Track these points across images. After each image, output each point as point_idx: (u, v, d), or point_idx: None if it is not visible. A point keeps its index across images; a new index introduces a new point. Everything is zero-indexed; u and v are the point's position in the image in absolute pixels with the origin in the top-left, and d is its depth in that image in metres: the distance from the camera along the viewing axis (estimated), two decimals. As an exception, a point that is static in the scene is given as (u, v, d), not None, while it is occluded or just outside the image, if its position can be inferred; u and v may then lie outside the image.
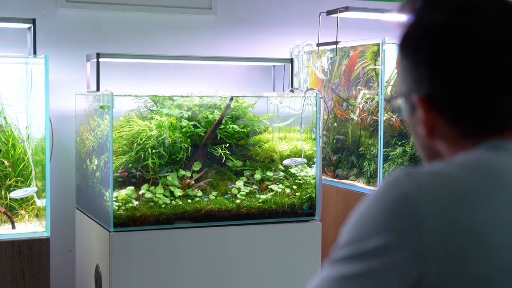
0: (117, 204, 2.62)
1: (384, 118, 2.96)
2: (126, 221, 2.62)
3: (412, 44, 0.94)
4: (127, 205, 2.64)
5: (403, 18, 0.97)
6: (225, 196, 2.76)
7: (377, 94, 3.00)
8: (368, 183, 3.06)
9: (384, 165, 2.97)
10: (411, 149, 2.97)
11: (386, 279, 0.81)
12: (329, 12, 3.23)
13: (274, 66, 3.38)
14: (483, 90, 0.89)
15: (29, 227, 2.72)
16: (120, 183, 2.66)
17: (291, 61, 3.25)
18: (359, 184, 3.10)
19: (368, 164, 3.07)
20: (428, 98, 0.92)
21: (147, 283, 2.62)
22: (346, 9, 3.15)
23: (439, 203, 0.82)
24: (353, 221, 0.87)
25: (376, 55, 3.02)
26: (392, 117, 3.02)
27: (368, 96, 3.07)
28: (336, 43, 3.17)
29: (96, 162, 2.77)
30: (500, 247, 0.80)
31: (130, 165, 2.69)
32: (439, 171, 0.86)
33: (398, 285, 0.80)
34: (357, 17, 3.30)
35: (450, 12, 0.91)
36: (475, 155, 0.89)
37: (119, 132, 2.69)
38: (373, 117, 3.03)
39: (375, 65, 3.03)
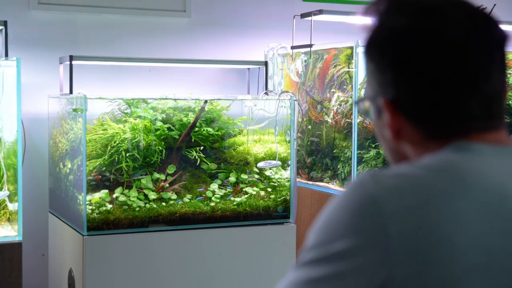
0: (90, 207, 2.60)
1: (358, 120, 2.98)
2: (100, 225, 2.61)
3: (376, 48, 0.94)
4: (100, 209, 2.62)
5: (369, 21, 0.98)
6: (197, 199, 2.76)
7: (351, 97, 3.02)
8: (342, 185, 3.08)
9: (358, 167, 2.99)
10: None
11: (352, 281, 0.81)
12: (303, 15, 3.25)
13: (248, 69, 3.39)
14: (447, 93, 0.90)
15: (1, 231, 2.69)
16: (93, 187, 2.65)
17: (266, 64, 3.26)
18: (334, 186, 3.12)
19: (342, 167, 3.09)
20: (394, 101, 0.93)
21: (120, 287, 2.61)
22: (320, 12, 3.16)
23: (404, 205, 0.82)
24: (319, 224, 0.88)
25: (349, 58, 3.04)
26: (366, 120, 3.04)
27: (342, 98, 3.09)
28: (310, 46, 3.18)
29: (69, 166, 2.75)
30: (465, 248, 0.80)
31: (104, 168, 2.67)
32: (404, 173, 0.87)
33: (365, 287, 0.81)
34: (331, 20, 3.32)
35: (414, 15, 0.92)
36: (440, 157, 0.89)
37: (93, 135, 2.67)
38: (347, 120, 3.05)
39: (348, 67, 3.05)
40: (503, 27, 0.94)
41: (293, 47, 3.28)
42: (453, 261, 0.80)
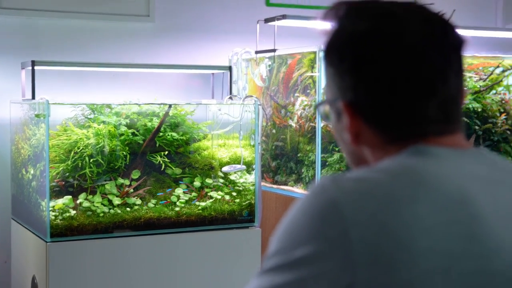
0: (54, 213, 2.58)
1: (322, 124, 3.01)
2: (63, 231, 2.59)
3: (336, 52, 0.95)
4: (64, 215, 2.60)
5: (329, 26, 0.99)
6: (161, 202, 2.75)
7: (314, 101, 3.05)
8: (307, 188, 3.10)
9: (322, 171, 3.02)
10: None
11: (315, 287, 0.81)
12: (267, 20, 3.27)
13: (213, 74, 3.40)
14: (404, 97, 0.91)
15: (-38, 239, 2.65)
16: (57, 192, 2.63)
17: (230, 68, 3.27)
18: (298, 190, 3.14)
19: (307, 170, 3.11)
20: (353, 105, 0.94)
21: (85, 293, 2.59)
22: (284, 17, 3.19)
23: (365, 210, 0.83)
24: (281, 230, 0.88)
25: (313, 62, 3.07)
26: (329, 124, 3.07)
27: (306, 103, 3.12)
28: (273, 50, 3.20)
29: (32, 171, 2.72)
30: (426, 252, 0.81)
31: (67, 174, 2.65)
32: (365, 177, 0.87)
33: None
34: (295, 25, 3.35)
35: (372, 20, 0.93)
36: (399, 160, 0.90)
37: (56, 141, 2.65)
38: (311, 124, 3.08)
39: (312, 72, 3.07)
40: (463, 32, 0.96)
41: (257, 52, 3.30)
42: (414, 265, 0.80)
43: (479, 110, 3.27)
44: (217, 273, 2.78)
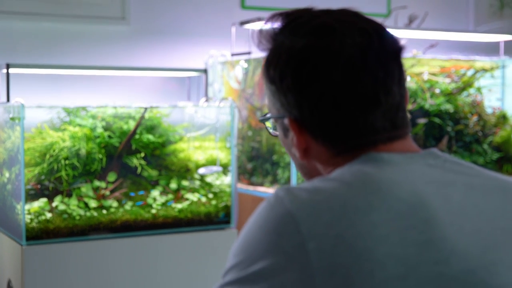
0: (29, 217, 2.57)
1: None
2: (39, 234, 2.58)
3: (275, 71, 0.94)
4: (40, 218, 2.59)
5: (266, 42, 0.97)
6: (137, 204, 2.76)
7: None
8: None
9: (298, 172, 3.05)
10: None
11: None
12: (242, 23, 3.29)
13: (189, 76, 3.41)
14: (349, 111, 0.91)
15: None
16: (32, 196, 2.62)
17: (205, 71, 3.28)
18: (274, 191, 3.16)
19: (282, 172, 3.14)
20: (299, 121, 0.93)
21: (61, 296, 2.58)
22: (259, 19, 3.21)
23: (321, 221, 0.82)
24: (239, 243, 0.87)
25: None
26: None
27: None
28: (248, 53, 3.23)
29: (7, 175, 2.71)
30: (383, 261, 0.80)
31: (43, 177, 2.65)
32: (319, 187, 0.87)
33: None
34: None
35: (309, 36, 0.92)
36: (352, 168, 0.90)
37: (31, 144, 2.64)
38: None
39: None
40: (435, 34, 0.97)
41: (233, 55, 3.32)
42: (372, 275, 0.80)
43: (452, 111, 3.32)
44: (194, 275, 2.80)
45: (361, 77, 0.91)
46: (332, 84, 0.90)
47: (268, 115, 1.02)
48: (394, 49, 0.95)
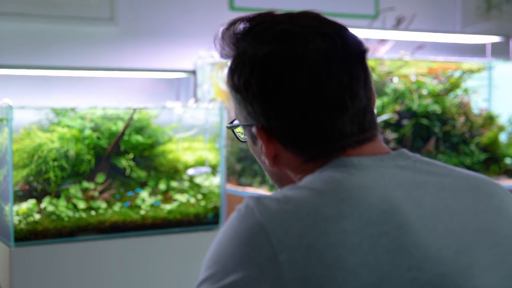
0: (18, 218, 2.57)
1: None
2: (28, 235, 2.57)
3: (240, 80, 0.93)
4: (28, 219, 2.59)
5: (228, 48, 0.95)
6: (125, 205, 2.76)
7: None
8: (271, 190, 3.14)
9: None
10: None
11: None
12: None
13: (178, 78, 3.41)
14: (316, 117, 0.90)
15: None
16: (20, 197, 2.61)
17: (194, 72, 3.29)
18: (262, 192, 3.17)
19: (271, 172, 3.15)
20: (266, 130, 0.93)
21: (50, 297, 2.58)
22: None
23: (292, 231, 0.81)
24: (210, 255, 0.87)
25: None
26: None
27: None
28: (238, 54, 3.23)
29: (-5, 176, 2.70)
30: (355, 269, 0.79)
31: (32, 178, 2.64)
32: (289, 196, 0.85)
33: None
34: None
35: (272, 43, 0.91)
36: (322, 176, 0.89)
37: (20, 145, 2.64)
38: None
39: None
40: (422, 35, 0.96)
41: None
42: (346, 284, 0.79)
43: (439, 112, 3.34)
44: (183, 276, 2.80)
45: (326, 83, 0.89)
46: (297, 91, 0.89)
47: (236, 123, 1.01)
48: (358, 51, 0.93)
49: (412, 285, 0.81)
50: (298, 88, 0.89)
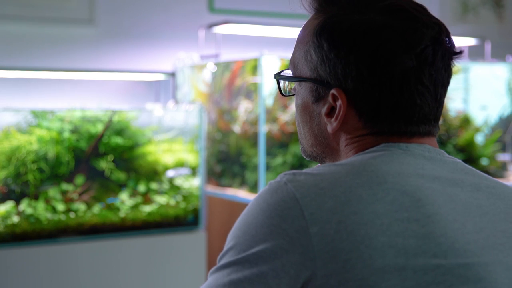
0: (-4, 220, 2.55)
1: (265, 129, 3.06)
2: (6, 238, 2.56)
3: (343, 40, 0.92)
4: (6, 222, 2.57)
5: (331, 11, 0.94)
6: (101, 205, 2.75)
7: (257, 107, 3.10)
8: (251, 191, 3.15)
9: (268, 175, 3.07)
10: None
11: (274, 282, 0.81)
12: (210, 26, 3.31)
13: (157, 79, 3.41)
14: (412, 97, 0.92)
15: None
16: (-1, 199, 2.60)
17: (173, 74, 3.29)
18: (242, 193, 3.19)
19: (250, 174, 3.16)
20: (349, 93, 0.93)
21: (29, 300, 2.57)
22: (226, 22, 3.23)
23: (324, 206, 0.83)
24: (238, 225, 0.87)
25: (255, 69, 3.13)
26: (272, 129, 3.13)
27: (249, 109, 3.17)
28: (216, 56, 3.24)
29: (-27, 179, 2.69)
30: (383, 249, 0.82)
31: (10, 180, 2.63)
32: (325, 173, 0.88)
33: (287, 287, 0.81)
34: (238, 31, 3.40)
35: (386, 14, 0.92)
36: (365, 157, 0.91)
37: (-2, 147, 2.63)
38: (254, 129, 3.13)
39: (253, 79, 3.13)
40: None
41: (201, 58, 3.33)
42: (371, 262, 0.81)
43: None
44: (163, 277, 2.80)
45: (429, 69, 0.92)
46: (403, 69, 0.91)
47: (304, 77, 0.98)
48: (452, 48, 0.97)
49: (436, 271, 0.83)
50: (404, 66, 0.91)
